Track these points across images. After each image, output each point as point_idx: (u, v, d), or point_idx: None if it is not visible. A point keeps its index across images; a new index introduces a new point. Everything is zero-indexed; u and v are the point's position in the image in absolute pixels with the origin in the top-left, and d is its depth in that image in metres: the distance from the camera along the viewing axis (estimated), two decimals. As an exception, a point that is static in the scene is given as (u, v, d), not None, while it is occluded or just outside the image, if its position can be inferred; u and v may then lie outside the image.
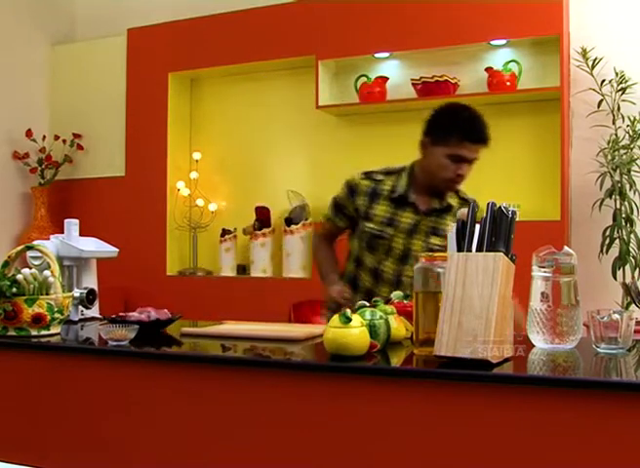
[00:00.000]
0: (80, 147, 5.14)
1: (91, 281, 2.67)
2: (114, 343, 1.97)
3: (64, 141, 5.11)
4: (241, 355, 1.98)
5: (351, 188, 2.77)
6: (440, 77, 4.07)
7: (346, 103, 4.40)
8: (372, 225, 2.71)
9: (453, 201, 2.74)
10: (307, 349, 2.00)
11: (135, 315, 2.21)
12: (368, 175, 2.78)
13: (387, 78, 4.31)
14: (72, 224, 2.66)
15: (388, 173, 2.79)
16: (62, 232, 2.67)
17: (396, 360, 1.89)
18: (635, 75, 3.75)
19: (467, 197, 2.75)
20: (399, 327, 1.94)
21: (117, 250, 2.78)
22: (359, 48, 4.28)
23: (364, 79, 4.33)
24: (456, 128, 2.64)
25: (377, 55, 4.32)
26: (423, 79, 4.11)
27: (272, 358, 1.95)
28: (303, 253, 4.45)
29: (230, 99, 4.91)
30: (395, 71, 4.37)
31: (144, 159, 4.84)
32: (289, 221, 4.49)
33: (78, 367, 2.02)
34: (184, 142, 4.97)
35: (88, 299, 2.46)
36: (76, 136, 5.13)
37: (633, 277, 3.64)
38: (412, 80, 4.19)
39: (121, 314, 2.24)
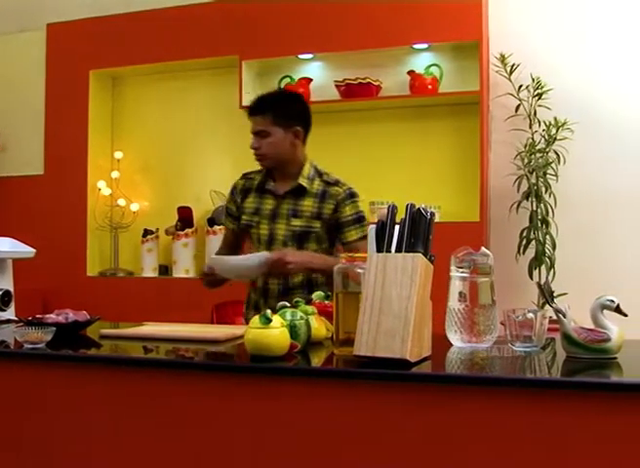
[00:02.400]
0: (-3, 145, 5.01)
1: (6, 282, 2.61)
2: (30, 346, 1.93)
3: (-20, 139, 4.97)
4: (161, 356, 1.97)
5: (232, 190, 2.95)
6: (363, 79, 4.11)
7: (270, 104, 4.40)
8: (245, 218, 2.84)
9: (314, 183, 2.80)
10: (229, 350, 2.00)
11: (52, 317, 2.17)
12: (244, 175, 2.95)
13: (311, 79, 4.33)
14: (-13, 224, 2.60)
15: (260, 171, 2.91)
16: (-23, 232, 2.60)
17: (317, 360, 1.90)
18: (551, 81, 3.85)
19: (330, 179, 2.82)
20: (319, 327, 1.96)
21: (34, 250, 2.72)
22: (283, 49, 4.28)
23: (288, 80, 4.33)
24: None
25: (300, 56, 4.33)
26: (347, 81, 4.15)
27: (193, 359, 1.93)
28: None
29: (153, 98, 4.85)
30: (319, 73, 4.39)
31: (64, 158, 4.73)
32: (212, 222, 4.47)
33: (-8, 370, 1.97)
34: (106, 141, 4.88)
35: (3, 301, 2.40)
36: (-7, 133, 4.99)
37: (547, 277, 3.74)
38: (335, 82, 4.21)
39: (38, 316, 2.20)
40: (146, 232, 4.64)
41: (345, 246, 2.76)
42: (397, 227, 1.77)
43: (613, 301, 1.73)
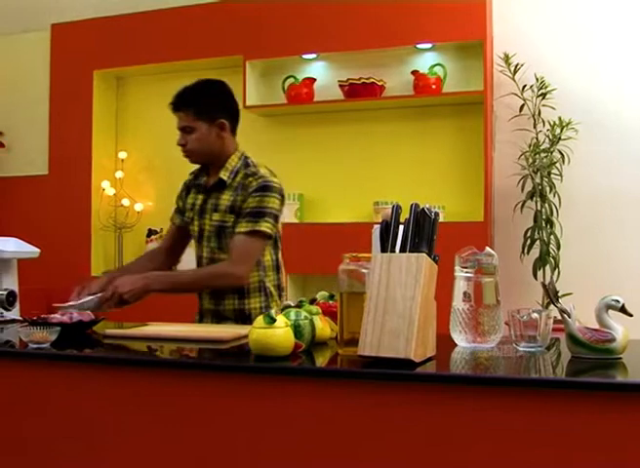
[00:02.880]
0: (1, 145, 5.02)
1: (11, 282, 2.62)
2: (35, 346, 1.93)
3: (-16, 139, 4.98)
4: (166, 357, 1.97)
5: (182, 186, 2.91)
6: (367, 79, 4.11)
7: (274, 104, 4.41)
8: (186, 214, 2.82)
9: (238, 176, 2.68)
10: (233, 350, 1.99)
11: (57, 317, 2.17)
12: (193, 172, 2.89)
13: (315, 79, 4.33)
14: (-9, 224, 2.60)
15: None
16: (-19, 232, 2.60)
17: (321, 360, 1.90)
18: (555, 81, 3.85)
19: (250, 171, 2.69)
20: (324, 327, 1.95)
21: (38, 250, 2.73)
22: (287, 49, 4.28)
23: (291, 80, 4.33)
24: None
25: (304, 56, 4.34)
26: (350, 81, 4.15)
27: (197, 359, 1.93)
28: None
29: (157, 98, 4.83)
30: (323, 73, 4.39)
31: (68, 158, 4.74)
32: (216, 222, 4.47)
33: (-3, 370, 1.98)
34: (110, 141, 4.89)
35: (8, 301, 2.40)
36: (-3, 132, 5.01)
37: (552, 277, 3.74)
38: (339, 82, 4.21)
39: (43, 316, 2.20)
40: (150, 232, 4.65)
41: (232, 236, 2.63)
42: (401, 227, 1.77)
43: (618, 301, 1.72)
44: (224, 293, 2.67)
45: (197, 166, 2.83)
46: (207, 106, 2.69)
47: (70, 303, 2.37)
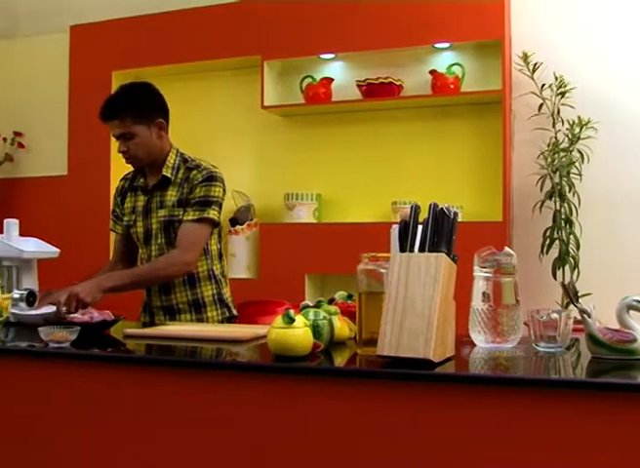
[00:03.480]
0: (21, 145, 5.05)
1: (31, 282, 2.63)
2: (55, 345, 1.94)
3: (5, 139, 5.01)
4: (185, 356, 1.97)
5: (115, 193, 2.93)
6: (385, 79, 4.10)
7: (292, 104, 4.41)
8: (125, 218, 2.85)
9: (180, 172, 2.75)
10: (252, 350, 2.00)
11: (78, 316, 2.18)
12: (124, 176, 2.93)
13: (332, 79, 4.33)
14: (12, 224, 2.62)
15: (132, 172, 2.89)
16: (2, 232, 2.62)
17: (340, 360, 1.90)
18: (574, 80, 3.83)
19: (192, 165, 2.76)
20: (342, 327, 1.95)
21: (58, 250, 2.74)
22: (305, 49, 4.28)
23: (309, 80, 4.33)
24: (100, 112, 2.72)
25: (322, 56, 4.33)
26: (368, 80, 4.14)
27: (215, 359, 1.94)
28: (248, 253, 4.43)
29: (175, 99, 4.81)
30: (340, 72, 4.38)
31: (87, 158, 4.76)
32: (234, 222, 4.48)
33: (18, 369, 1.99)
34: (128, 142, 4.91)
35: (28, 301, 2.42)
36: (17, 134, 5.03)
37: (572, 277, 3.72)
38: (357, 81, 4.21)
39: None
40: (169, 232, 4.66)
41: (180, 225, 2.68)
42: (420, 227, 1.76)
43: (639, 301, 1.71)
44: (173, 287, 2.73)
45: (126, 170, 2.89)
46: (143, 109, 2.70)
47: (33, 312, 2.39)
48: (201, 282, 2.76)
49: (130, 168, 2.89)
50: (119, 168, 4.74)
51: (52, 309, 2.35)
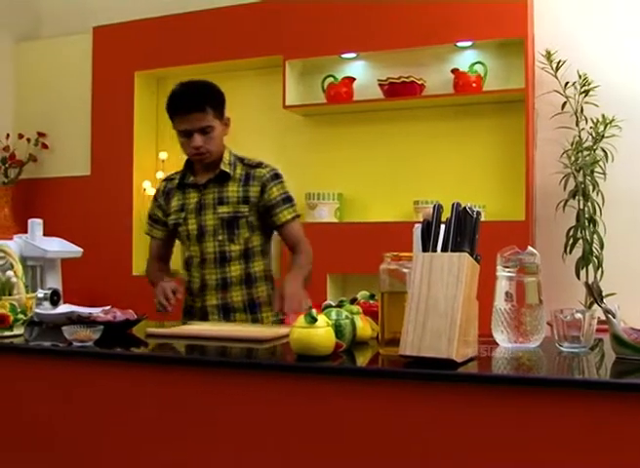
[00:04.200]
0: (45, 146, 5.09)
1: (55, 281, 2.65)
2: (79, 344, 1.95)
3: (29, 140, 5.05)
4: (207, 356, 1.98)
5: (155, 196, 2.91)
6: (407, 78, 4.09)
7: (313, 103, 4.41)
8: (171, 217, 2.81)
9: (237, 168, 2.79)
10: (274, 349, 2.00)
11: (101, 316, 2.19)
12: (165, 178, 2.93)
13: (354, 78, 4.32)
14: (36, 224, 2.64)
15: (180, 171, 2.89)
16: (26, 232, 2.64)
17: (362, 360, 1.89)
18: (598, 78, 3.80)
19: (251, 162, 2.82)
20: (365, 327, 1.95)
21: (81, 250, 2.76)
22: (326, 48, 4.28)
23: (331, 79, 4.33)
24: (169, 107, 2.74)
25: (344, 55, 4.33)
26: (390, 80, 4.13)
27: (238, 359, 1.94)
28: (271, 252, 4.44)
29: (197, 99, 4.88)
30: (362, 72, 4.38)
31: (110, 158, 4.80)
32: (256, 222, 4.49)
33: (42, 368, 2.01)
34: (151, 142, 4.94)
35: (52, 300, 2.43)
36: (41, 134, 5.07)
37: (595, 277, 3.69)
38: (378, 81, 4.20)
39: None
40: (190, 232, 4.68)
41: (280, 229, 2.77)
42: (442, 227, 1.76)
43: (664, 301, 1.70)
44: (231, 285, 2.74)
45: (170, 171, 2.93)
46: (219, 104, 2.75)
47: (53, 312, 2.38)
48: (257, 282, 2.77)
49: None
50: (141, 168, 4.80)
51: (73, 309, 2.36)
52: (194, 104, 2.67)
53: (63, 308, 2.38)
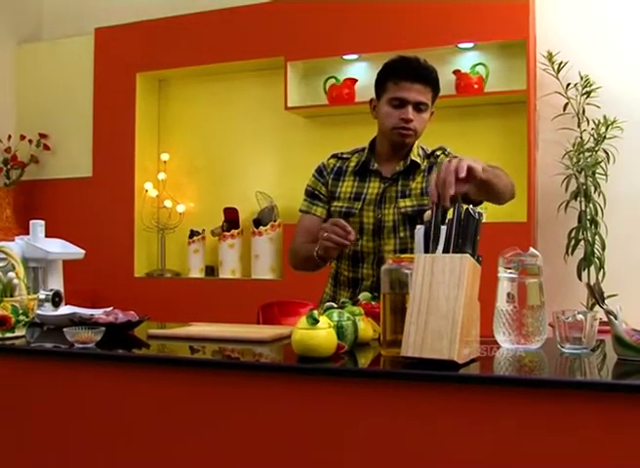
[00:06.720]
0: (46, 147, 5.10)
1: (57, 283, 2.65)
2: (80, 346, 1.95)
3: (30, 141, 5.06)
4: (209, 357, 1.98)
5: (320, 171, 2.67)
6: (408, 79, 4.08)
7: (315, 105, 4.41)
8: (339, 204, 2.57)
9: (419, 159, 2.56)
10: (275, 350, 2.00)
11: (103, 317, 2.19)
12: (335, 155, 2.68)
13: (356, 80, 4.33)
14: (38, 225, 2.64)
15: (356, 151, 2.67)
16: (28, 233, 2.64)
17: (363, 361, 1.89)
18: (599, 79, 3.80)
19: (428, 150, 2.60)
20: (366, 328, 1.95)
21: (83, 251, 2.76)
22: (328, 49, 4.29)
23: (333, 81, 4.34)
24: (392, 70, 2.49)
25: (345, 56, 4.34)
26: (392, 81, 4.13)
27: (240, 359, 1.94)
28: (272, 254, 4.45)
29: (199, 100, 4.89)
30: (364, 73, 4.38)
31: (112, 160, 4.80)
32: (257, 223, 4.49)
33: (44, 370, 2.01)
34: (152, 143, 4.94)
35: (54, 302, 2.43)
36: (42, 135, 5.08)
37: (597, 278, 3.69)
38: (380, 82, 4.20)
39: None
40: (193, 233, 4.69)
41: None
42: (444, 228, 1.76)
43: (666, 303, 1.70)
44: (362, 260, 2.52)
45: (336, 150, 2.66)
46: (437, 92, 2.53)
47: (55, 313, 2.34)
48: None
49: (341, 148, 2.70)
50: (143, 169, 4.80)
51: (75, 310, 2.35)
52: (423, 76, 2.45)
53: (65, 310, 2.38)
